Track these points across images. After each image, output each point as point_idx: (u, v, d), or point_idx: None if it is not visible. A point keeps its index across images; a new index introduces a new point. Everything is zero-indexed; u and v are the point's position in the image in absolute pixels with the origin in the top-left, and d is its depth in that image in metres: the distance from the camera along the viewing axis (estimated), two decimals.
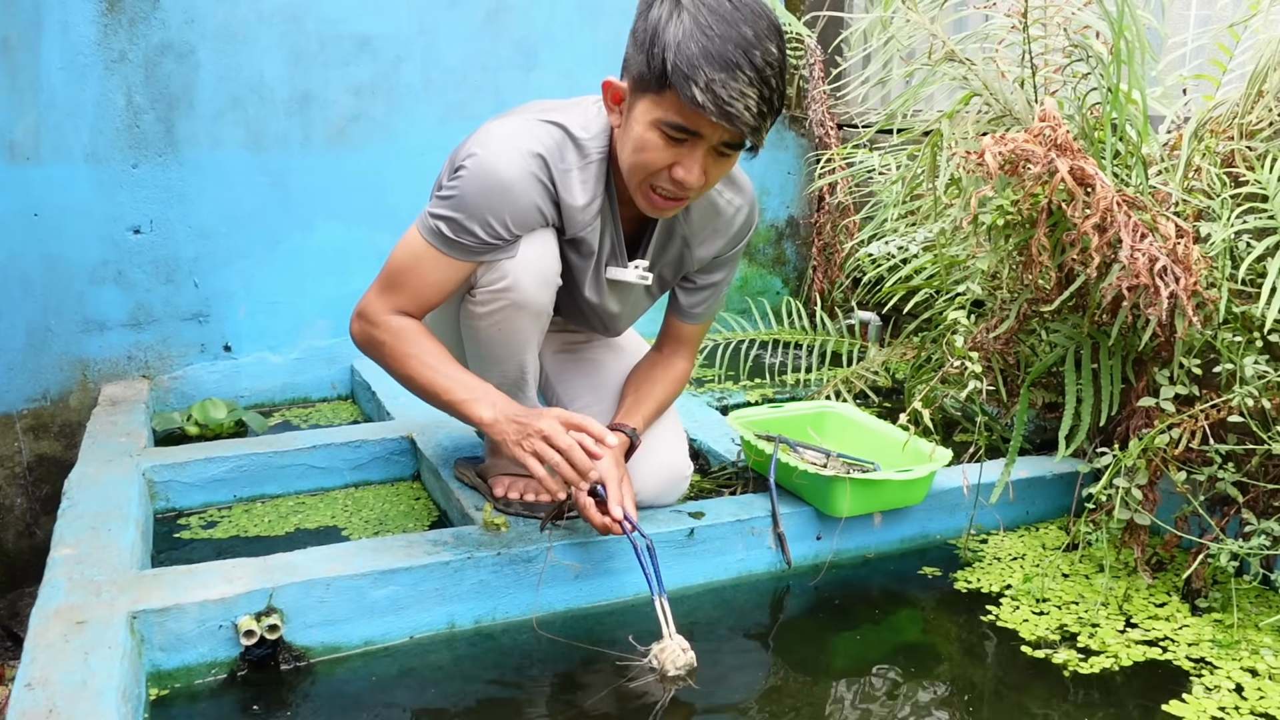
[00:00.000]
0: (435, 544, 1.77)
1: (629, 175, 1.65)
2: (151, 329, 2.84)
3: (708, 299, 1.97)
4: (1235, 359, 1.74)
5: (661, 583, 1.65)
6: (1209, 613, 1.80)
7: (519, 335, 1.79)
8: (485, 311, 1.75)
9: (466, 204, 1.66)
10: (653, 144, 1.58)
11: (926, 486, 2.00)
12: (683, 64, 1.49)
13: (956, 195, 2.02)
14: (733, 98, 1.48)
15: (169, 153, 2.77)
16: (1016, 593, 1.88)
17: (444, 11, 2.99)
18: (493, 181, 1.65)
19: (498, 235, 1.68)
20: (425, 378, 1.72)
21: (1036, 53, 1.95)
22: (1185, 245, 1.69)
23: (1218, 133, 1.84)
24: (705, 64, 1.48)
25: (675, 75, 1.49)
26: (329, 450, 2.32)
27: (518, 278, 1.72)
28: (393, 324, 1.73)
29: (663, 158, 1.58)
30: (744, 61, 1.49)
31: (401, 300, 1.73)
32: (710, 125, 1.53)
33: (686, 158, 1.58)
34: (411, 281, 1.72)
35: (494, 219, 1.66)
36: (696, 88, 1.48)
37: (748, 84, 1.49)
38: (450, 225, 1.67)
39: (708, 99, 1.48)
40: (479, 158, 1.66)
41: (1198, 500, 1.79)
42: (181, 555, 2.01)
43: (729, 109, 1.49)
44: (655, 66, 1.52)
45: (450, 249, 1.69)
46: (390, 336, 1.73)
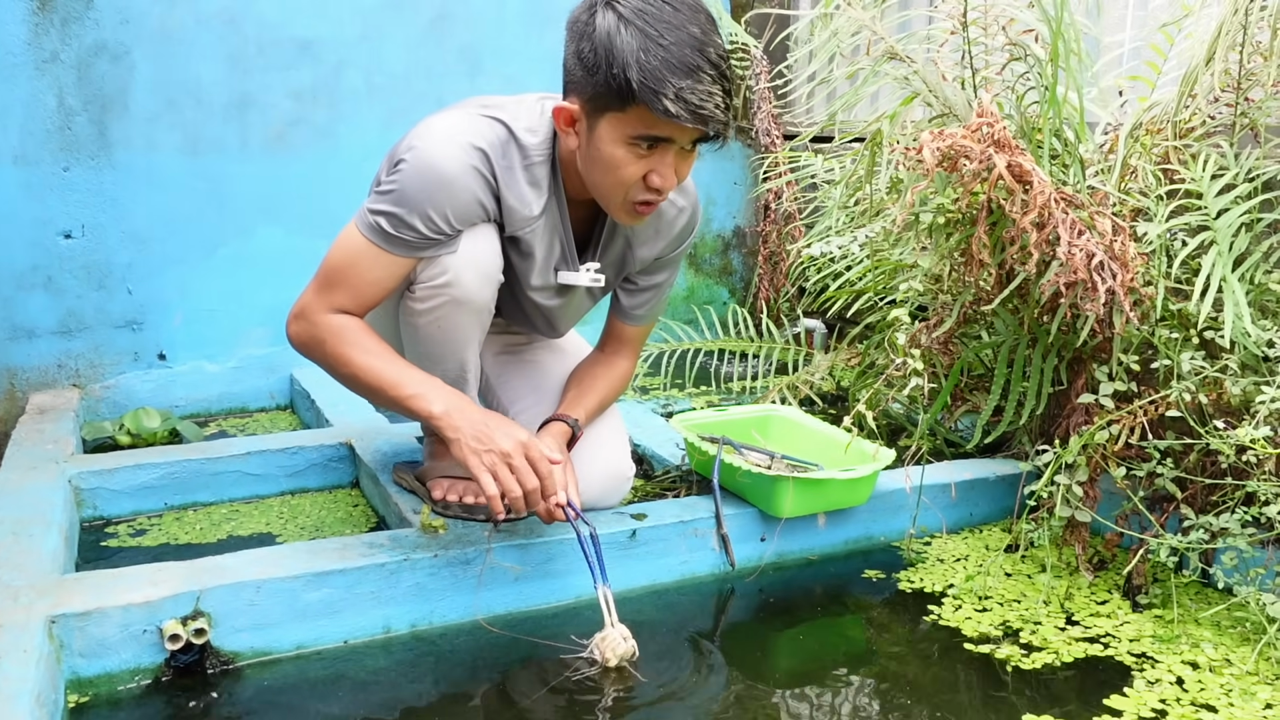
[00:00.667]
0: (371, 546, 1.73)
1: (608, 195, 1.64)
2: (83, 336, 2.77)
3: (649, 300, 1.96)
4: (1172, 355, 1.76)
5: (605, 571, 1.63)
6: (1149, 609, 1.80)
7: (460, 333, 1.76)
8: (425, 308, 1.72)
9: (406, 198, 1.63)
10: (625, 159, 1.58)
11: (870, 486, 1.99)
12: (649, 80, 1.49)
13: (898, 197, 2.03)
14: (703, 100, 1.50)
15: (102, 155, 2.71)
16: (959, 592, 1.88)
17: (388, 16, 2.97)
18: (433, 175, 1.62)
19: (439, 230, 1.65)
20: (370, 375, 1.67)
21: (976, 53, 1.97)
22: (1122, 242, 1.70)
23: (1153, 132, 1.86)
24: (670, 74, 1.48)
25: (643, 92, 1.49)
26: (265, 457, 2.26)
27: (458, 273, 1.69)
28: (332, 322, 1.68)
29: (637, 170, 1.59)
30: (703, 62, 1.50)
31: (340, 298, 1.69)
32: (681, 130, 1.54)
33: (660, 164, 1.58)
34: (350, 279, 1.68)
35: (435, 213, 1.63)
36: (667, 99, 1.48)
37: (711, 83, 1.50)
38: (390, 220, 1.64)
39: (680, 108, 1.49)
40: (418, 151, 1.63)
41: (1137, 497, 1.80)
42: (108, 563, 1.95)
43: (702, 112, 1.50)
44: (617, 85, 1.51)
45: (390, 245, 1.66)
46: (330, 335, 1.68)
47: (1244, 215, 1.71)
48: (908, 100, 1.96)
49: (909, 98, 1.95)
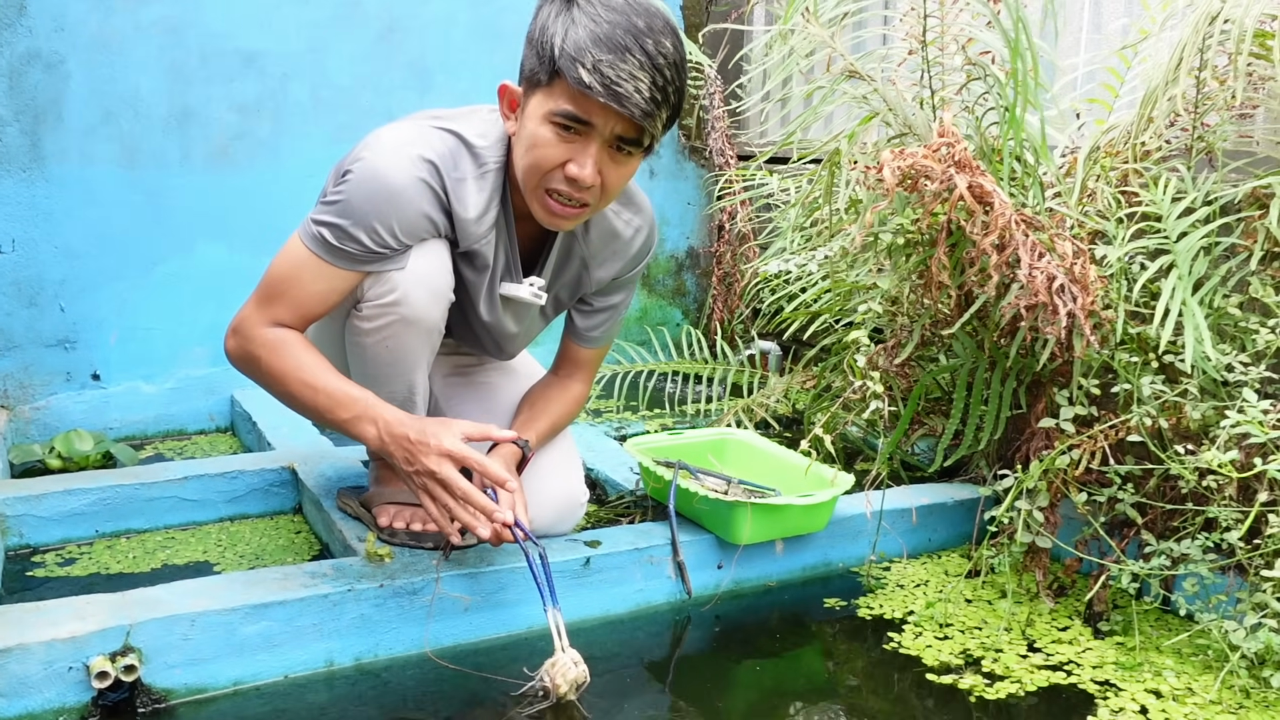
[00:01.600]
0: (313, 576, 1.65)
1: (524, 179, 1.58)
2: (11, 356, 2.66)
3: (605, 322, 1.91)
4: (1132, 379, 1.74)
5: (555, 593, 1.57)
6: (1111, 635, 1.78)
7: (408, 354, 1.69)
8: (372, 327, 1.66)
9: (352, 210, 1.57)
10: (545, 139, 1.52)
11: (829, 512, 1.95)
12: (570, 48, 1.45)
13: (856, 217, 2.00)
14: (620, 78, 1.44)
15: (34, 168, 2.61)
16: (919, 619, 1.84)
17: (335, 30, 2.90)
18: (379, 187, 1.56)
19: (384, 244, 1.59)
20: (305, 395, 1.61)
21: (935, 73, 1.95)
22: (1083, 265, 1.68)
23: (1111, 155, 1.85)
24: (593, 46, 1.44)
25: (562, 59, 1.45)
26: (202, 481, 2.17)
27: (407, 291, 1.63)
28: (269, 336, 1.62)
29: (555, 154, 1.52)
30: (634, 46, 1.45)
31: (280, 312, 1.62)
32: (601, 111, 1.48)
33: (579, 152, 1.52)
34: (292, 291, 1.61)
35: (380, 226, 1.58)
36: (583, 68, 1.44)
37: (638, 67, 1.45)
38: (334, 232, 1.58)
39: (594, 79, 1.44)
40: (366, 162, 1.58)
41: (1098, 522, 1.78)
42: (34, 595, 1.85)
43: (617, 89, 1.44)
44: (545, 57, 1.48)
45: (334, 257, 1.60)
46: (266, 351, 1.62)
47: (1203, 239, 1.71)
48: (866, 119, 1.94)
49: (867, 117, 1.93)
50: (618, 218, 1.80)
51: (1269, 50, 1.80)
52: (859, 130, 1.95)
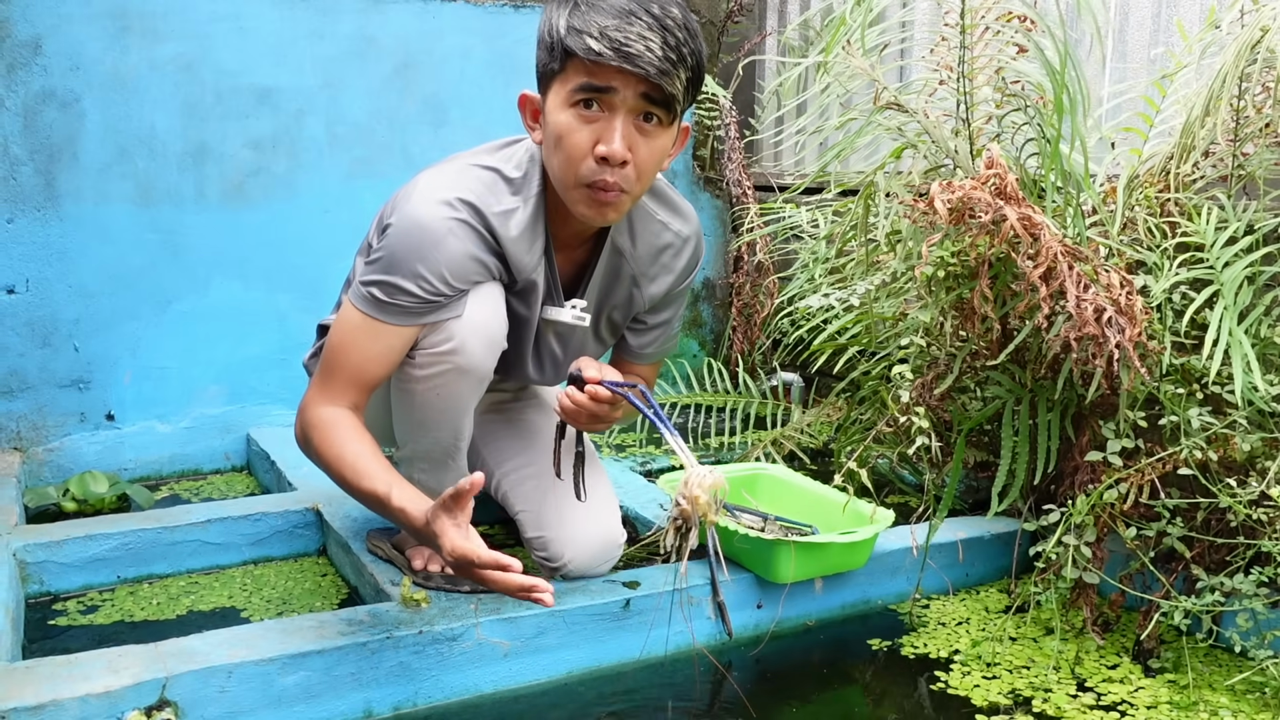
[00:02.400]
0: (350, 623, 1.61)
1: (561, 179, 1.55)
2: (25, 397, 2.62)
3: (658, 338, 1.89)
4: (1179, 411, 1.71)
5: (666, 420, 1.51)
6: (1162, 673, 1.74)
7: (458, 401, 1.66)
8: (425, 375, 1.62)
9: (396, 262, 1.54)
10: (570, 125, 1.50)
11: (869, 549, 1.92)
12: (575, 23, 1.45)
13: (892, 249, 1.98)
14: (629, 39, 1.43)
15: (49, 207, 2.57)
16: (965, 657, 1.81)
17: (350, 65, 2.88)
18: (420, 234, 1.53)
19: (436, 291, 1.56)
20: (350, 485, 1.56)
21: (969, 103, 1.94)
22: (1129, 295, 1.66)
23: (1151, 184, 1.84)
24: (597, 16, 1.44)
25: (569, 37, 1.45)
26: (225, 524, 2.13)
27: (464, 340, 1.59)
28: (324, 417, 1.57)
29: (582, 138, 1.50)
30: (639, 10, 1.45)
31: (339, 385, 1.58)
32: (618, 76, 1.46)
33: (606, 129, 1.49)
34: (351, 358, 1.57)
35: (429, 273, 1.54)
36: (590, 38, 1.43)
37: (646, 28, 1.44)
38: (382, 289, 1.55)
39: (603, 44, 1.43)
40: (403, 212, 1.56)
41: (1146, 556, 1.75)
42: (57, 644, 1.80)
43: (627, 49, 1.43)
44: (554, 44, 1.47)
45: (387, 314, 1.56)
46: (318, 433, 1.57)
47: (1248, 268, 1.69)
48: (898, 150, 1.92)
49: (900, 147, 1.91)
50: (666, 229, 1.77)
51: None
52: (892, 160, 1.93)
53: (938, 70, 1.95)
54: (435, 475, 1.73)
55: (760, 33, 3.43)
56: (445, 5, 2.99)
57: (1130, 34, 2.29)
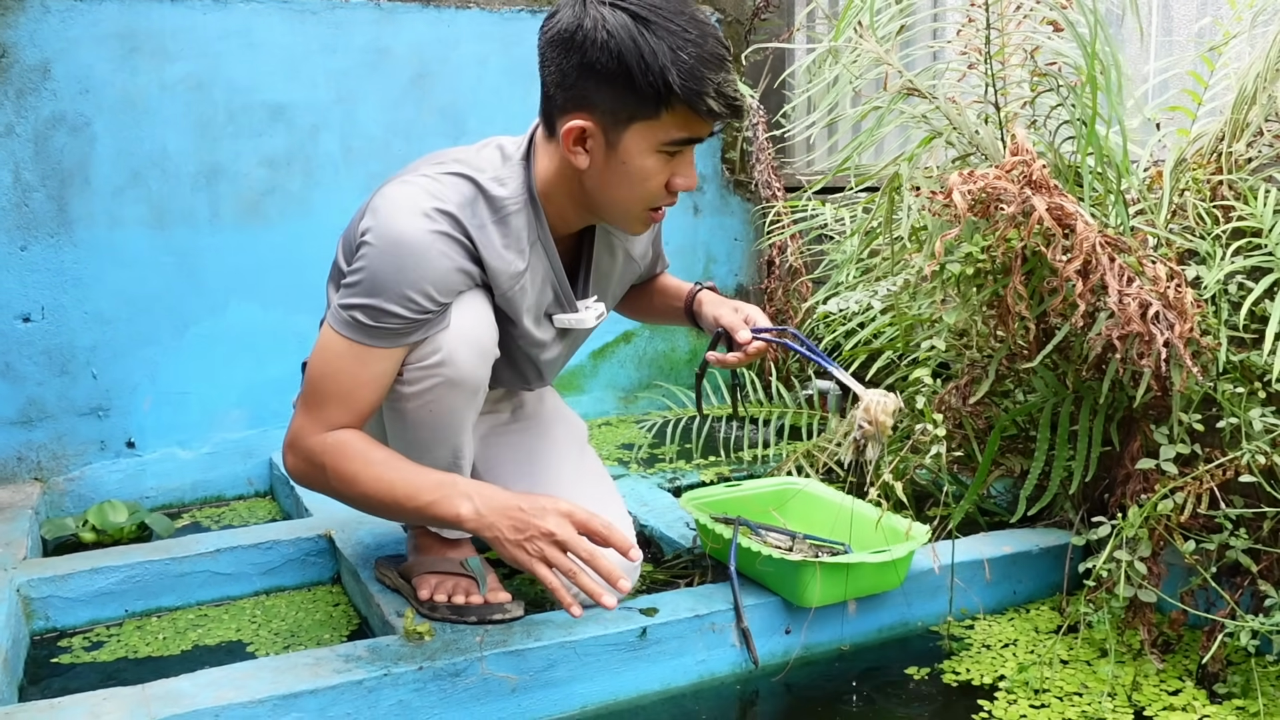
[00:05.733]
0: (347, 660, 1.52)
1: (627, 209, 1.53)
2: (44, 426, 2.58)
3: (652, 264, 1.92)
4: (1239, 412, 1.57)
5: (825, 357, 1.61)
6: (1229, 699, 1.60)
7: (453, 416, 1.57)
8: (415, 391, 1.53)
9: (379, 284, 1.45)
10: (654, 169, 1.48)
11: (905, 568, 1.79)
12: (690, 80, 1.40)
13: (919, 246, 1.85)
14: (736, 93, 1.45)
15: (62, 233, 2.54)
16: (1011, 684, 1.67)
17: (364, 78, 2.82)
18: (401, 251, 1.44)
19: (423, 309, 1.47)
20: (383, 490, 1.47)
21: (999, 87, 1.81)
22: (1178, 288, 1.52)
23: (1201, 166, 1.69)
24: (707, 70, 1.41)
25: (686, 93, 1.41)
26: (236, 554, 2.06)
27: (452, 351, 1.51)
28: (329, 442, 1.49)
29: (663, 178, 1.49)
30: (725, 52, 1.44)
31: (333, 412, 1.49)
32: (709, 126, 1.47)
33: (684, 165, 1.51)
34: (339, 387, 1.49)
35: (414, 292, 1.45)
36: (710, 99, 1.42)
37: (731, 71, 1.44)
38: (367, 312, 1.46)
39: (722, 105, 1.43)
40: (377, 229, 1.46)
41: (1207, 571, 1.60)
42: (59, 684, 1.74)
43: (737, 103, 1.45)
44: (654, 91, 1.41)
45: (374, 338, 1.47)
46: (330, 458, 1.49)
47: None
48: (926, 140, 1.79)
49: (928, 137, 1.78)
50: None
51: None
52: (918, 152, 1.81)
53: (966, 53, 1.83)
54: None
55: (789, 29, 3.31)
56: (460, 13, 2.92)
57: (1175, 6, 2.14)
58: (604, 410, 3.27)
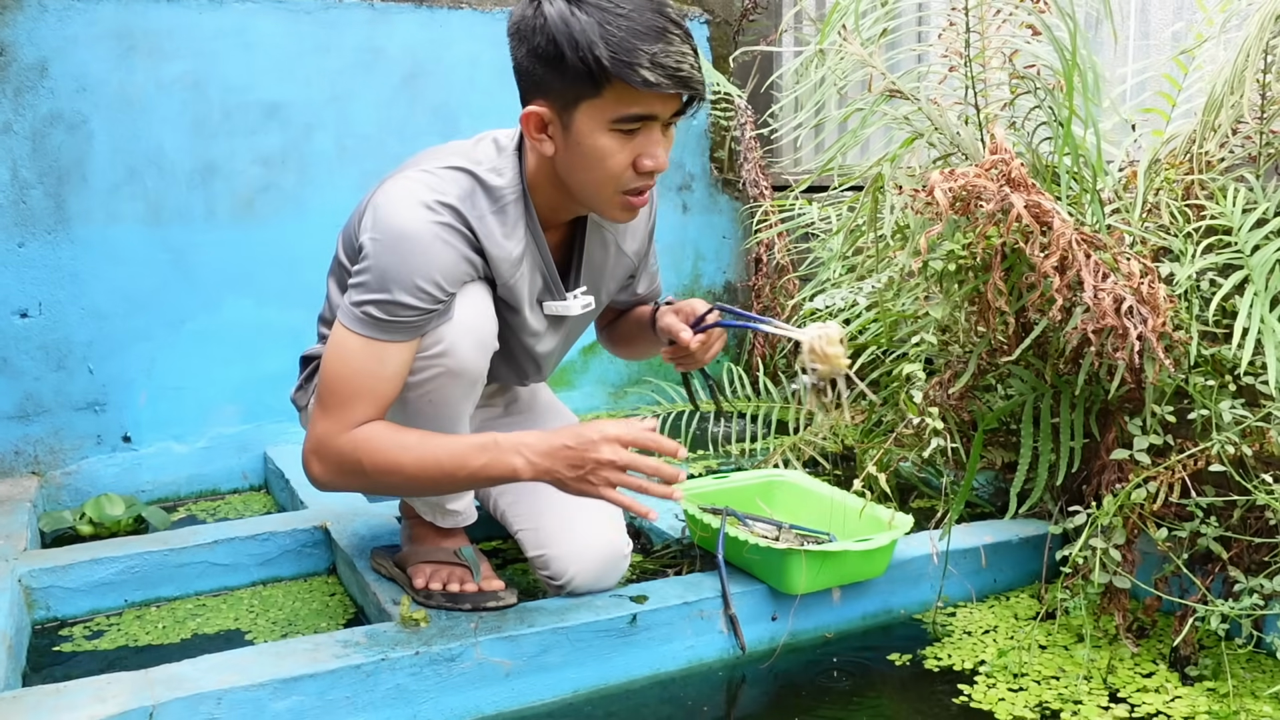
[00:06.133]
0: (345, 645, 1.57)
1: (597, 192, 1.53)
2: (41, 420, 2.61)
3: (645, 281, 1.92)
4: (1210, 404, 1.62)
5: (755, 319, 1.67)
6: (1200, 681, 1.65)
7: (452, 407, 1.61)
8: (417, 380, 1.57)
9: (389, 278, 1.48)
10: (609, 149, 1.47)
11: (888, 557, 1.84)
12: (619, 53, 1.40)
13: (903, 244, 1.90)
14: (679, 62, 1.42)
15: (59, 230, 2.57)
16: (991, 669, 1.72)
17: (357, 77, 2.86)
18: (406, 244, 1.48)
19: (435, 299, 1.51)
20: (429, 467, 1.49)
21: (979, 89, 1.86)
22: (1151, 284, 1.57)
23: (1174, 166, 1.75)
24: (639, 41, 1.40)
25: (616, 66, 1.40)
26: (233, 545, 2.10)
27: (454, 342, 1.55)
28: (359, 438, 1.50)
29: (625, 157, 1.49)
30: (668, 23, 1.43)
31: (358, 411, 1.51)
32: (663, 101, 1.45)
33: (647, 144, 1.49)
34: (363, 385, 1.50)
35: (424, 282, 1.49)
36: (643, 69, 1.40)
37: (681, 42, 1.43)
38: (380, 307, 1.49)
39: (659, 75, 1.41)
40: (380, 225, 1.50)
41: (1179, 558, 1.66)
42: (60, 671, 1.78)
43: (680, 73, 1.42)
44: (586, 68, 1.41)
45: (390, 333, 1.50)
46: (365, 453, 1.50)
47: (1279, 251, 1.59)
48: (909, 140, 1.84)
49: (910, 138, 1.83)
50: None
51: None
52: (901, 152, 1.86)
53: (947, 55, 1.88)
54: None
55: (776, 29, 3.36)
56: (452, 13, 2.96)
57: (1152, 11, 2.19)
58: (594, 405, 3.32)
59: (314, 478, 1.56)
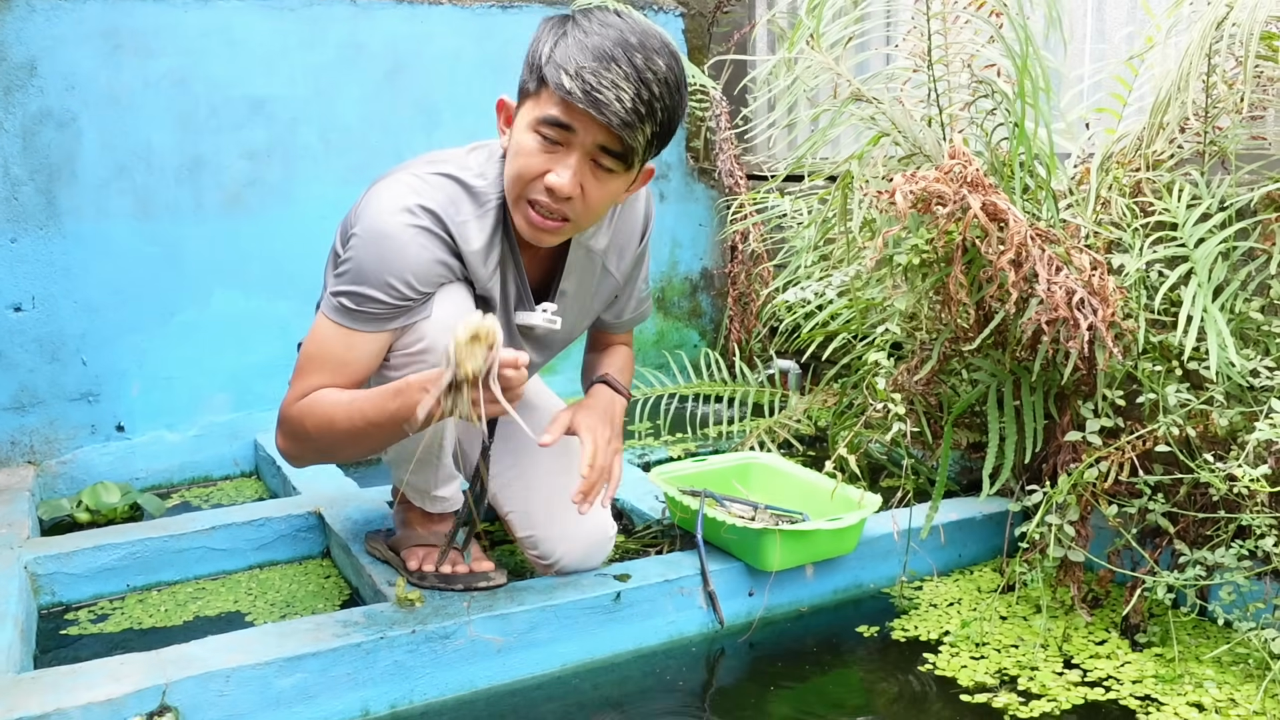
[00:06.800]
0: (345, 625, 1.65)
1: (509, 189, 1.59)
2: (36, 411, 2.68)
3: (631, 303, 1.95)
4: (1157, 388, 1.73)
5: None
6: (1149, 648, 1.76)
7: None
8: (399, 376, 1.65)
9: (363, 272, 1.58)
10: (529, 148, 1.53)
11: (858, 535, 1.94)
12: (557, 56, 1.48)
13: (871, 237, 2.00)
14: (602, 85, 1.45)
15: (51, 225, 2.63)
16: (954, 639, 1.83)
17: (341, 72, 2.92)
18: (384, 243, 1.58)
19: (404, 297, 1.60)
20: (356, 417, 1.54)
21: (941, 91, 1.95)
22: (1101, 277, 1.67)
23: (1124, 164, 1.85)
24: (578, 54, 1.46)
25: (549, 66, 1.48)
26: (230, 530, 2.18)
27: (434, 339, 1.63)
28: (303, 402, 1.60)
29: (537, 163, 1.53)
30: (621, 57, 1.46)
31: (312, 381, 1.61)
32: (582, 118, 1.49)
33: (559, 162, 1.52)
34: (325, 364, 1.61)
35: (395, 280, 1.58)
36: (566, 74, 1.46)
37: (622, 77, 1.46)
38: (352, 298, 1.59)
39: (575, 84, 1.45)
40: (366, 222, 1.60)
41: (1130, 533, 1.77)
42: (69, 653, 1.86)
43: (597, 95, 1.45)
44: (534, 66, 1.51)
45: (358, 322, 1.60)
46: (307, 413, 1.59)
47: (1221, 244, 1.70)
48: (874, 139, 1.93)
49: (875, 137, 1.92)
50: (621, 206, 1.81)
51: (1276, 51, 1.79)
52: (869, 150, 1.95)
53: (910, 59, 1.97)
54: (422, 475, 1.79)
55: (750, 21, 3.44)
56: (433, 9, 3.02)
57: (1107, 13, 2.29)
58: (575, 390, 3.37)
59: (280, 450, 1.68)
